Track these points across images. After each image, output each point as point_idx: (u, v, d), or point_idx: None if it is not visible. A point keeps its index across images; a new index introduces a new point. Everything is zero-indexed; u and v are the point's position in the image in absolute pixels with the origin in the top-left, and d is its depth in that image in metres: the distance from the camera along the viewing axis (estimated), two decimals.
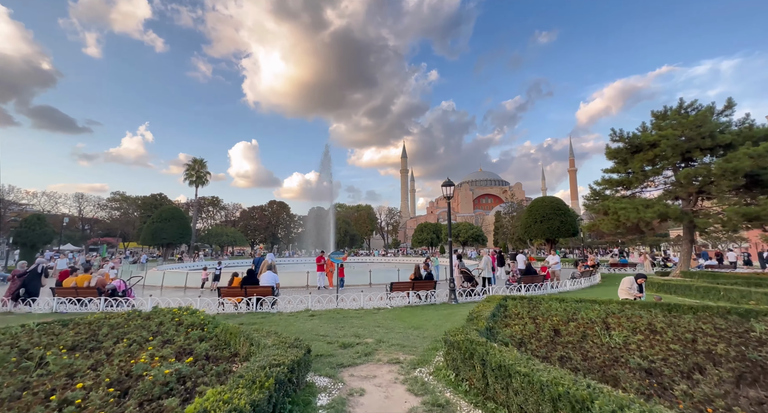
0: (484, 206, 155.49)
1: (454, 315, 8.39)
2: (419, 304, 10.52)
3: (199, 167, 54.57)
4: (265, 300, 9.50)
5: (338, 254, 10.54)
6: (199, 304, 9.29)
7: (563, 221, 28.34)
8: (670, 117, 15.40)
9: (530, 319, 5.79)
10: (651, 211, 14.04)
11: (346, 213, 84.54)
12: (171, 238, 38.31)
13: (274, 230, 79.09)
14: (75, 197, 58.41)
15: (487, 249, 13.89)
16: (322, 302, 9.98)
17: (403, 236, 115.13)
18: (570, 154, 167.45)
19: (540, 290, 12.52)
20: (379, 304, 10.30)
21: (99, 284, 9.68)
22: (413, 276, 11.27)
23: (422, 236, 61.41)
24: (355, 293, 11.87)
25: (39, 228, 26.40)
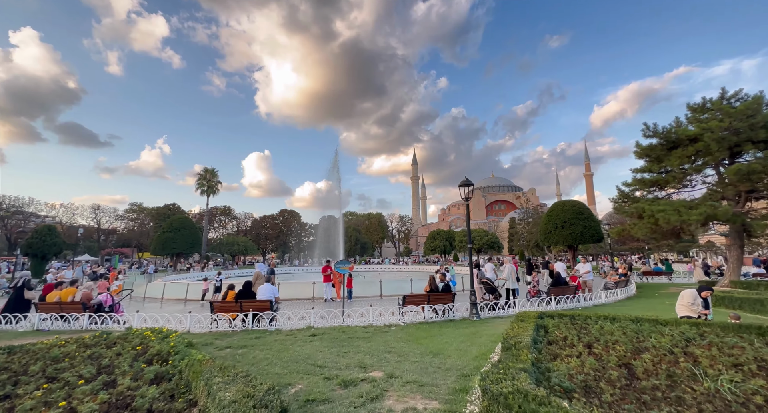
0: (497, 213, 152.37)
1: (478, 335, 7.11)
2: (436, 320, 9.27)
3: (211, 177, 54.92)
4: (263, 316, 8.44)
5: (344, 264, 9.46)
6: (189, 322, 8.32)
7: (586, 226, 26.52)
8: (713, 108, 13.87)
9: (584, 347, 4.51)
10: (696, 213, 12.44)
11: (357, 221, 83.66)
12: (181, 248, 38.07)
13: (285, 239, 78.85)
14: (92, 209, 59.53)
15: (509, 257, 12.52)
16: (326, 318, 8.86)
17: (415, 243, 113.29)
18: (585, 158, 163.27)
19: (572, 303, 11.06)
20: (391, 320, 9.10)
21: (84, 299, 8.85)
22: (428, 288, 10.05)
23: (434, 243, 59.75)
24: (364, 306, 10.73)
25: (49, 239, 26.36)
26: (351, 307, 12.66)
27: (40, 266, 26.23)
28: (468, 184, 9.79)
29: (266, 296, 8.89)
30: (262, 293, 8.94)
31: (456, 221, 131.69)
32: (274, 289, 9.21)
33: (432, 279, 10.01)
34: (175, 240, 37.69)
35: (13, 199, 49.73)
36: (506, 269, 10.97)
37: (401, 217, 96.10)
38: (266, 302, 8.65)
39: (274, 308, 8.94)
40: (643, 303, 11.91)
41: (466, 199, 9.86)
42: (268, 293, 8.96)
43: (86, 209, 58.78)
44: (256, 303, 8.66)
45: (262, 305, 8.65)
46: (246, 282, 9.43)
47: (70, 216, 56.71)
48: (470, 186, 9.85)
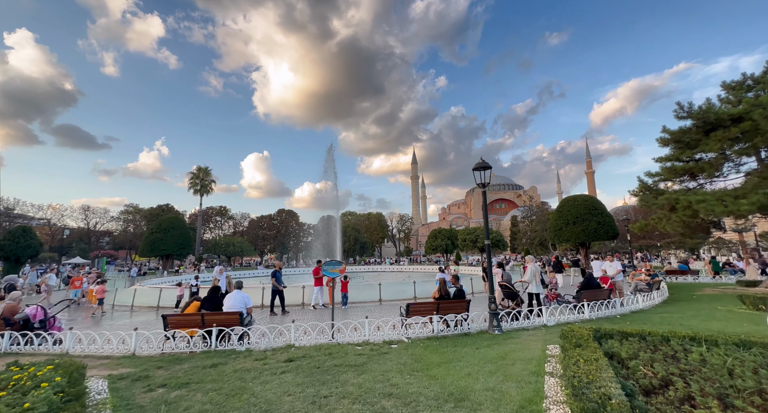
0: (498, 212, 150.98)
1: (509, 361, 5.32)
2: (448, 334, 7.48)
3: (204, 176, 53.15)
4: (232, 333, 6.65)
5: (333, 266, 7.69)
6: (134, 342, 6.52)
7: (600, 222, 24.74)
8: (758, 83, 12.09)
9: (706, 395, 2.73)
10: (747, 203, 10.67)
11: (357, 221, 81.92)
12: (171, 249, 36.24)
13: (283, 240, 77.12)
14: (81, 210, 57.67)
15: (530, 256, 10.73)
16: (310, 334, 7.07)
17: (416, 243, 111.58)
18: (587, 155, 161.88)
19: (607, 309, 9.29)
20: (391, 335, 7.31)
21: (7, 313, 7.05)
22: (437, 294, 8.26)
23: (436, 242, 57.97)
24: (360, 314, 9.02)
25: (23, 241, 24.55)
26: (346, 315, 10.90)
27: (13, 270, 24.39)
28: (485, 167, 8.01)
29: (235, 307, 7.10)
30: (230, 304, 7.15)
31: (457, 220, 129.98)
32: (245, 298, 7.41)
33: (443, 283, 8.23)
34: (164, 241, 35.85)
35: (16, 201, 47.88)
36: (529, 271, 9.20)
37: (401, 216, 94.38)
38: (235, 314, 6.86)
39: (245, 321, 7.15)
40: (689, 309, 10.13)
41: (483, 185, 8.08)
42: (237, 303, 7.17)
43: (75, 211, 56.83)
44: (221, 316, 6.87)
45: (228, 318, 6.86)
46: (213, 288, 7.65)
47: (59, 218, 54.80)
48: (487, 169, 8.07)
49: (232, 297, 7.30)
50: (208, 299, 7.36)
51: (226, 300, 7.28)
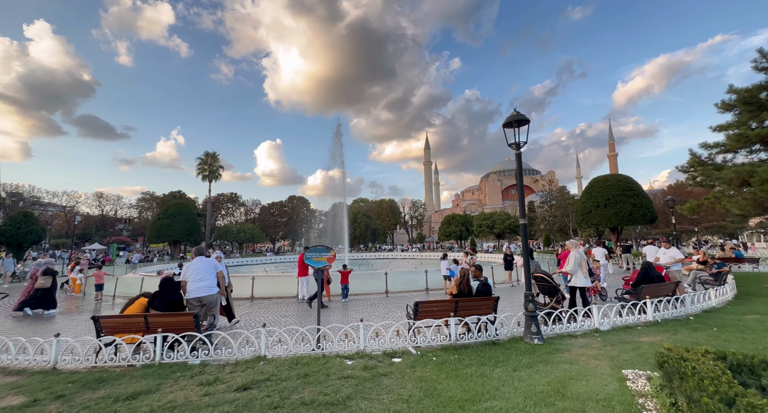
0: (513, 197, 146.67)
1: (573, 400, 3.44)
2: (470, 343, 5.66)
3: (212, 161, 52.19)
4: (183, 341, 5.03)
5: (319, 253, 5.88)
6: (54, 352, 4.97)
7: (636, 203, 22.07)
8: None
9: None
10: None
11: (368, 207, 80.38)
12: (178, 235, 35.65)
13: (294, 226, 76.64)
14: (95, 196, 58.19)
15: (573, 240, 8.66)
16: (286, 342, 5.35)
17: (428, 230, 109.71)
18: (610, 137, 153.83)
19: (675, 308, 7.22)
20: (395, 343, 5.54)
21: None
22: (455, 289, 6.39)
23: (450, 229, 55.85)
24: (361, 309, 7.33)
25: (25, 226, 24.02)
26: (346, 309, 9.23)
27: (16, 256, 24.00)
28: (521, 120, 5.92)
29: (207, 279, 5.59)
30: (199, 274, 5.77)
31: (471, 206, 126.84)
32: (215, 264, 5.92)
33: (464, 277, 6.32)
34: (171, 227, 35.24)
35: (12, 187, 48.53)
36: (572, 259, 7.18)
37: (414, 202, 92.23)
38: (188, 316, 5.21)
39: (203, 324, 5.52)
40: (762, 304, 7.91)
41: (517, 145, 6.01)
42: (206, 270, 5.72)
43: (89, 198, 57.39)
44: (170, 319, 5.24)
45: (180, 321, 5.22)
46: (164, 279, 6.03)
47: (74, 204, 55.45)
48: (523, 124, 5.99)
49: (198, 265, 5.80)
50: (159, 295, 5.74)
51: (191, 271, 5.78)
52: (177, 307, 5.84)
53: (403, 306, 9.52)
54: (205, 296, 6.16)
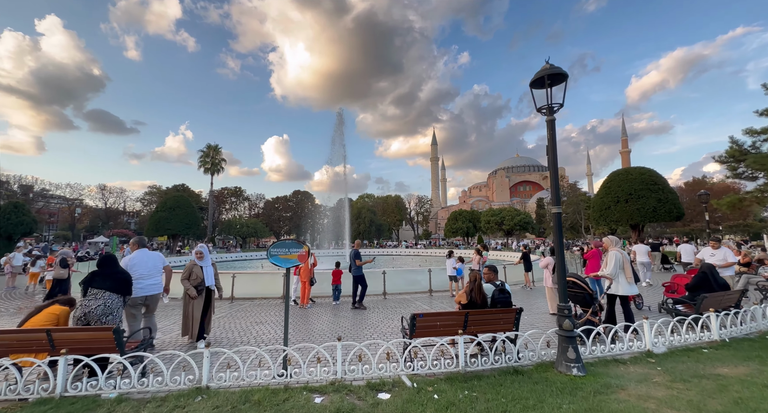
0: (522, 194, 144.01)
1: None
2: (484, 370, 4.26)
3: (214, 154, 51.27)
4: (109, 365, 3.73)
5: (287, 249, 4.51)
6: None
7: (662, 199, 20.24)
8: None
9: None
10: None
11: (374, 203, 79.08)
12: (176, 229, 34.80)
13: (298, 221, 75.80)
14: (98, 189, 57.92)
15: (611, 237, 7.24)
16: (239, 368, 3.99)
17: (435, 226, 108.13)
18: (623, 133, 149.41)
19: (743, 324, 5.69)
20: (384, 370, 4.15)
21: None
22: (465, 298, 4.95)
23: (456, 225, 54.20)
24: (353, 314, 6.06)
25: (15, 217, 23.24)
26: (337, 314, 7.87)
27: (6, 248, 23.27)
28: (556, 75, 4.42)
29: (153, 274, 4.30)
30: (142, 269, 4.54)
31: (478, 203, 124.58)
32: (160, 258, 4.65)
33: (475, 282, 4.87)
34: (169, 221, 34.38)
35: (17, 178, 48.36)
36: (613, 260, 5.68)
37: (420, 198, 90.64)
38: (107, 331, 3.88)
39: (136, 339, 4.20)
40: None
41: (551, 109, 4.53)
42: (150, 265, 4.48)
43: (93, 190, 57.14)
44: (82, 335, 3.92)
45: (96, 338, 3.90)
46: (105, 255, 4.79)
47: (77, 197, 55.25)
48: (560, 81, 4.49)
49: (143, 259, 4.95)
50: (99, 271, 4.49)
51: (135, 265, 4.94)
52: (123, 286, 4.56)
53: (402, 311, 8.14)
54: (152, 295, 5.26)
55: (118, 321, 4.42)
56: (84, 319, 4.21)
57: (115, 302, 4.39)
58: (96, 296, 4.29)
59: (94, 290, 4.33)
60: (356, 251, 9.08)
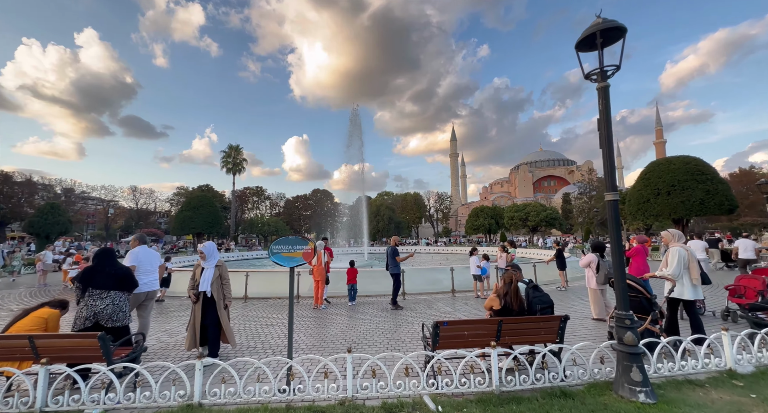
0: (546, 190, 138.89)
1: None
2: (523, 391, 3.52)
3: (235, 154, 52.38)
4: (89, 375, 3.34)
5: (290, 246, 3.96)
6: None
7: (710, 190, 18.28)
8: None
9: None
10: None
11: (393, 201, 78.53)
12: (200, 227, 35.68)
13: (318, 220, 76.52)
14: (129, 190, 60.76)
15: (674, 231, 6.15)
16: (233, 382, 3.48)
17: (455, 224, 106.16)
18: (657, 123, 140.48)
19: None
20: (402, 388, 3.51)
21: None
22: (498, 303, 4.22)
23: (478, 221, 52.58)
24: (371, 316, 5.51)
25: (51, 218, 24.43)
26: (353, 315, 7.32)
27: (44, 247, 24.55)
28: (611, 30, 3.57)
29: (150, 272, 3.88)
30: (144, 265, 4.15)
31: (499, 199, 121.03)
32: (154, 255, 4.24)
33: (510, 284, 4.12)
34: (193, 220, 35.30)
35: (58, 181, 51.51)
36: (676, 257, 4.72)
37: (439, 195, 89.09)
38: (92, 338, 3.47)
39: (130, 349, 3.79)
40: None
41: (603, 74, 3.69)
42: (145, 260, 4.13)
43: (125, 191, 60.03)
44: (65, 342, 3.54)
45: (80, 346, 3.50)
46: (103, 250, 4.48)
47: (112, 198, 58.24)
48: (615, 39, 3.64)
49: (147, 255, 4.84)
50: (99, 268, 4.17)
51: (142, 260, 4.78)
52: (128, 282, 4.30)
53: (422, 314, 7.47)
54: (152, 291, 5.32)
55: (128, 319, 4.30)
56: (92, 319, 3.97)
57: (122, 300, 4.23)
58: (101, 296, 4.06)
59: (97, 290, 4.06)
60: (394, 247, 8.53)
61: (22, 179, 44.04)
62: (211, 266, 4.92)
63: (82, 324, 3.95)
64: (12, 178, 42.24)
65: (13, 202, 40.99)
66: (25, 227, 24.98)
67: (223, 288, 4.90)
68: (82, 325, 3.94)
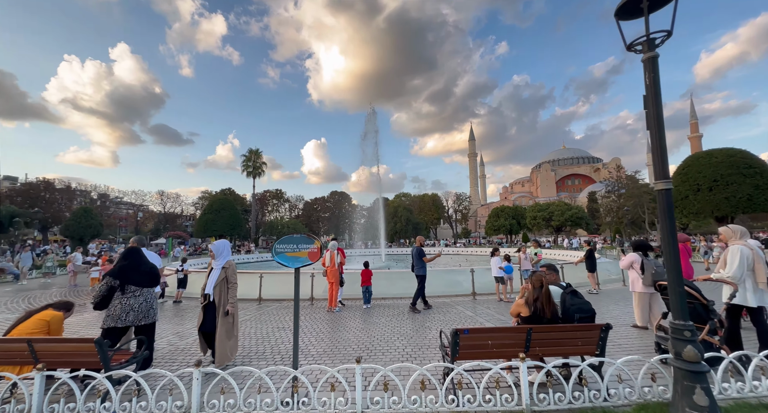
0: (570, 189, 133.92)
1: None
2: (556, 411, 3.03)
3: (255, 158, 53.53)
4: (90, 382, 3.17)
5: (295, 245, 3.54)
6: None
7: (759, 185, 16.65)
8: None
9: None
10: None
11: (410, 202, 77.92)
12: (222, 229, 36.58)
13: (337, 222, 77.08)
14: (157, 195, 63.44)
15: (735, 227, 5.24)
16: (233, 392, 3.19)
17: (474, 224, 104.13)
18: (691, 116, 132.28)
19: None
20: (418, 405, 3.10)
21: None
22: (527, 309, 3.73)
23: (498, 222, 51.07)
24: (387, 320, 5.21)
25: (85, 221, 25.68)
26: (368, 319, 6.97)
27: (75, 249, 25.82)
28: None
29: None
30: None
31: (520, 199, 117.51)
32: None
33: (541, 288, 3.62)
34: (215, 222, 36.25)
35: (93, 187, 54.51)
36: (738, 256, 4.04)
37: (458, 195, 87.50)
38: (88, 342, 3.30)
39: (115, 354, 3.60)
40: None
41: (649, 42, 3.16)
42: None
43: (153, 196, 62.74)
44: (62, 347, 3.38)
45: (77, 350, 3.34)
46: (133, 249, 4.48)
47: (141, 202, 61.02)
48: (665, 1, 3.11)
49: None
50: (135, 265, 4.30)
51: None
52: (156, 280, 4.45)
53: (441, 318, 7.01)
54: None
55: (157, 315, 4.44)
56: (125, 319, 4.03)
57: (153, 296, 4.38)
58: (135, 294, 4.14)
59: (132, 288, 4.15)
60: (420, 248, 8.15)
61: (62, 186, 46.88)
62: (218, 266, 4.61)
63: (113, 323, 3.98)
64: (53, 185, 45.02)
65: (54, 207, 43.68)
66: (61, 231, 26.40)
67: (227, 293, 4.43)
68: (117, 323, 3.98)
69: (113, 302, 4.09)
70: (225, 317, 4.31)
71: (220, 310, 4.32)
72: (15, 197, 38.83)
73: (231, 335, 4.37)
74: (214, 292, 4.37)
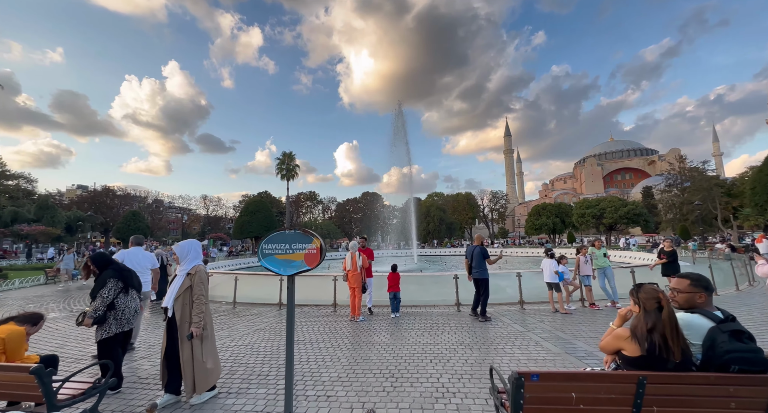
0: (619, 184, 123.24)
1: None
2: None
3: (289, 161, 54.71)
4: None
5: (288, 245, 2.51)
6: None
7: None
8: None
9: None
10: None
11: (444, 201, 75.66)
12: (257, 231, 37.50)
13: (369, 222, 76.97)
14: (201, 199, 67.38)
15: None
16: None
17: (512, 224, 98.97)
18: None
19: None
20: None
21: None
22: (637, 347, 2.35)
23: (540, 221, 47.48)
24: (409, 337, 4.09)
25: (134, 223, 27.32)
26: (397, 330, 5.86)
27: None
28: None
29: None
30: None
31: (562, 196, 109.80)
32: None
33: (660, 312, 2.30)
34: (251, 224, 37.25)
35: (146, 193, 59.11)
36: None
37: (494, 194, 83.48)
38: (22, 372, 2.56)
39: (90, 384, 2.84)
40: None
41: None
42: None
43: (198, 200, 66.72)
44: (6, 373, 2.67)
45: (13, 381, 2.60)
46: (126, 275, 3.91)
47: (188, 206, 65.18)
48: None
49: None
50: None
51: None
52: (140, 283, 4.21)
53: (484, 335, 5.72)
54: (146, 292, 5.40)
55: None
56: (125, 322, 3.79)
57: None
58: (133, 296, 3.92)
59: (133, 291, 3.93)
60: (482, 247, 7.04)
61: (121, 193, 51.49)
62: (182, 272, 3.44)
63: (117, 328, 3.65)
64: (114, 192, 49.47)
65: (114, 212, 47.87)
66: (113, 233, 28.37)
67: (191, 307, 3.30)
68: (117, 330, 3.65)
69: (118, 305, 3.71)
70: (190, 340, 3.25)
71: (183, 329, 3.26)
72: (82, 203, 43.19)
73: (206, 357, 3.35)
74: (174, 306, 3.30)
